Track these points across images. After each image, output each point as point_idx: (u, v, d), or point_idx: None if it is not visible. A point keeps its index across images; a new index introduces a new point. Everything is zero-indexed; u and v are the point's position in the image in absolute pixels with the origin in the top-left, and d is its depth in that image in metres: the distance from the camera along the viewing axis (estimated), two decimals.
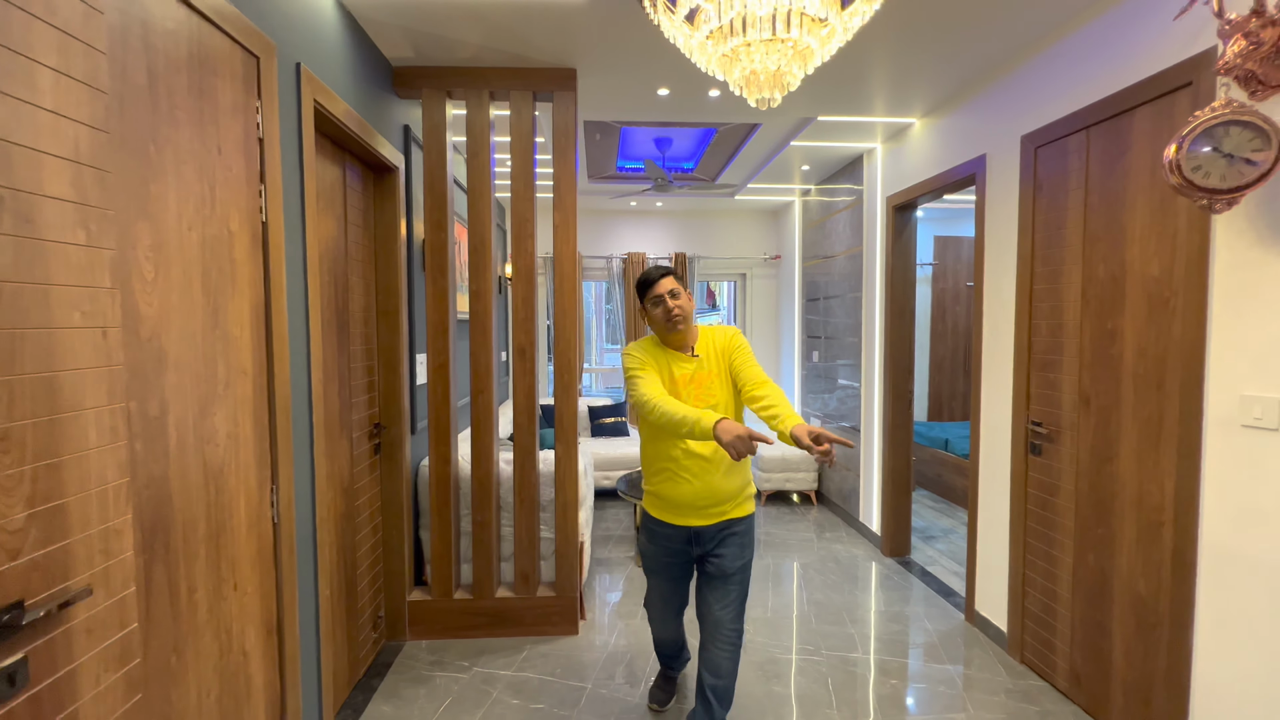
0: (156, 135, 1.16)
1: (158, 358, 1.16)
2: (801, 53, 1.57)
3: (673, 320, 1.81)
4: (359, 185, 2.35)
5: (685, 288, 1.88)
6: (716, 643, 1.83)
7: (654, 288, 1.84)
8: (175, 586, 1.21)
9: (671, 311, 1.81)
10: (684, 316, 1.81)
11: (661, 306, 1.82)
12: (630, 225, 5.64)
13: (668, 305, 1.81)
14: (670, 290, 1.82)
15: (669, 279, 1.84)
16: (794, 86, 1.64)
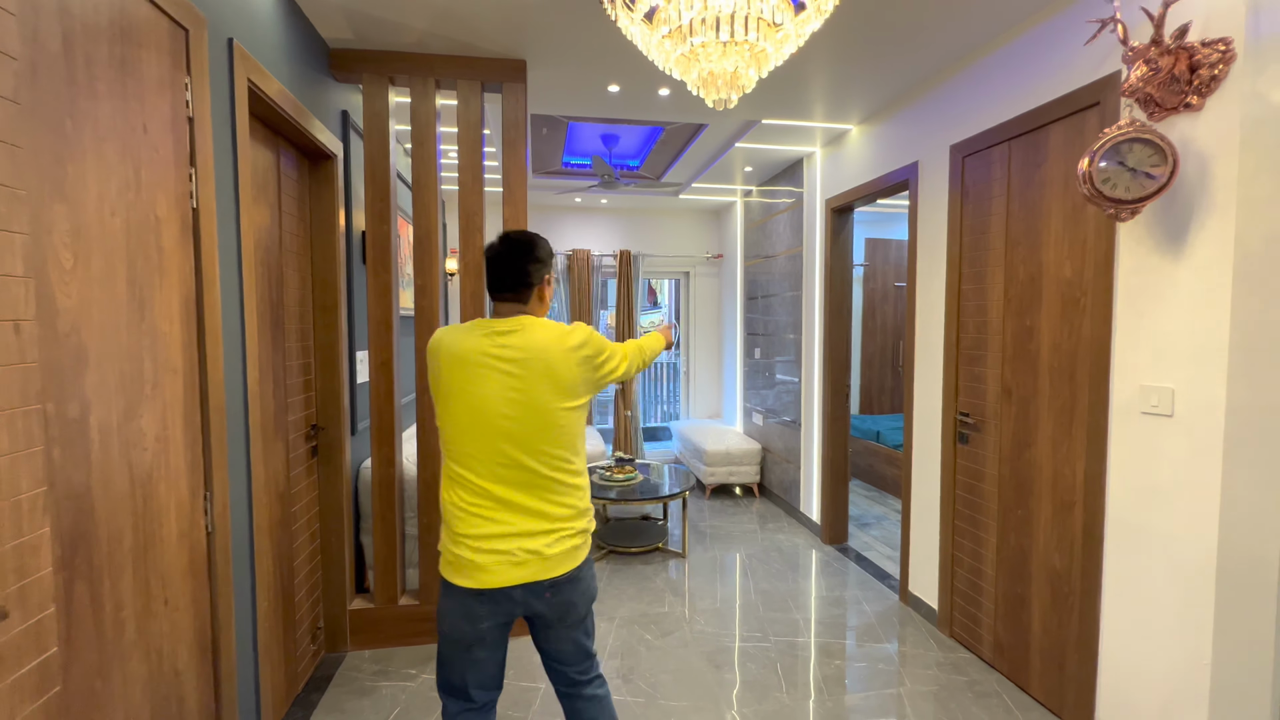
0: (74, 109, 1.05)
1: (78, 355, 1.06)
2: (757, 55, 1.62)
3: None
4: (294, 173, 2.21)
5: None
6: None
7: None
8: (100, 605, 1.10)
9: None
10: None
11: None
12: (575, 222, 5.60)
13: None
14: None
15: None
16: (750, 88, 1.68)
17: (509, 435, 1.34)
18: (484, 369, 1.35)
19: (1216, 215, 1.57)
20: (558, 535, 1.38)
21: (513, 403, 1.34)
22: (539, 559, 1.36)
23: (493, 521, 1.35)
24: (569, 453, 1.40)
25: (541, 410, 1.35)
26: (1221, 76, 1.54)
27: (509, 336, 1.37)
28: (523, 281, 1.42)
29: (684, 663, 2.46)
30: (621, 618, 2.82)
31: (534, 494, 1.37)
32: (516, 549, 1.35)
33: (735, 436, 4.92)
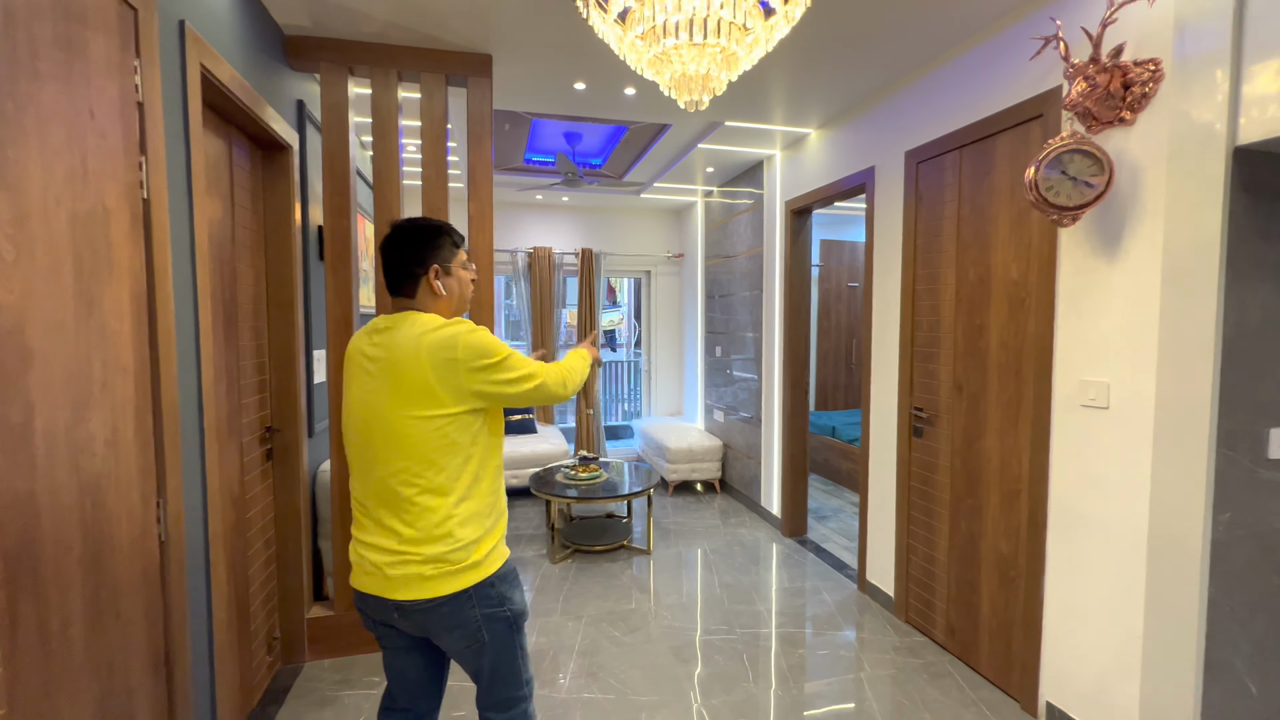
0: (15, 90, 0.98)
1: (21, 354, 0.99)
2: (728, 58, 1.65)
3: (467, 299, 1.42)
4: (247, 164, 2.12)
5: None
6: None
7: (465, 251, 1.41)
8: (45, 622, 1.03)
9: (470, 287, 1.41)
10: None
11: (470, 275, 1.41)
12: (536, 219, 5.54)
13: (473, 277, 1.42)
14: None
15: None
16: (721, 90, 1.71)
17: (366, 441, 1.26)
18: (357, 370, 1.30)
19: (1147, 221, 1.70)
20: (400, 558, 1.23)
21: (366, 405, 1.26)
22: (381, 575, 1.25)
23: (359, 525, 1.31)
24: (422, 467, 1.22)
25: (383, 417, 1.23)
26: (1151, 94, 1.67)
27: (382, 334, 1.27)
28: (406, 273, 1.30)
29: (651, 658, 2.48)
30: (589, 616, 2.82)
31: (387, 508, 1.25)
32: (365, 557, 1.27)
33: (697, 434, 4.98)
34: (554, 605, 2.94)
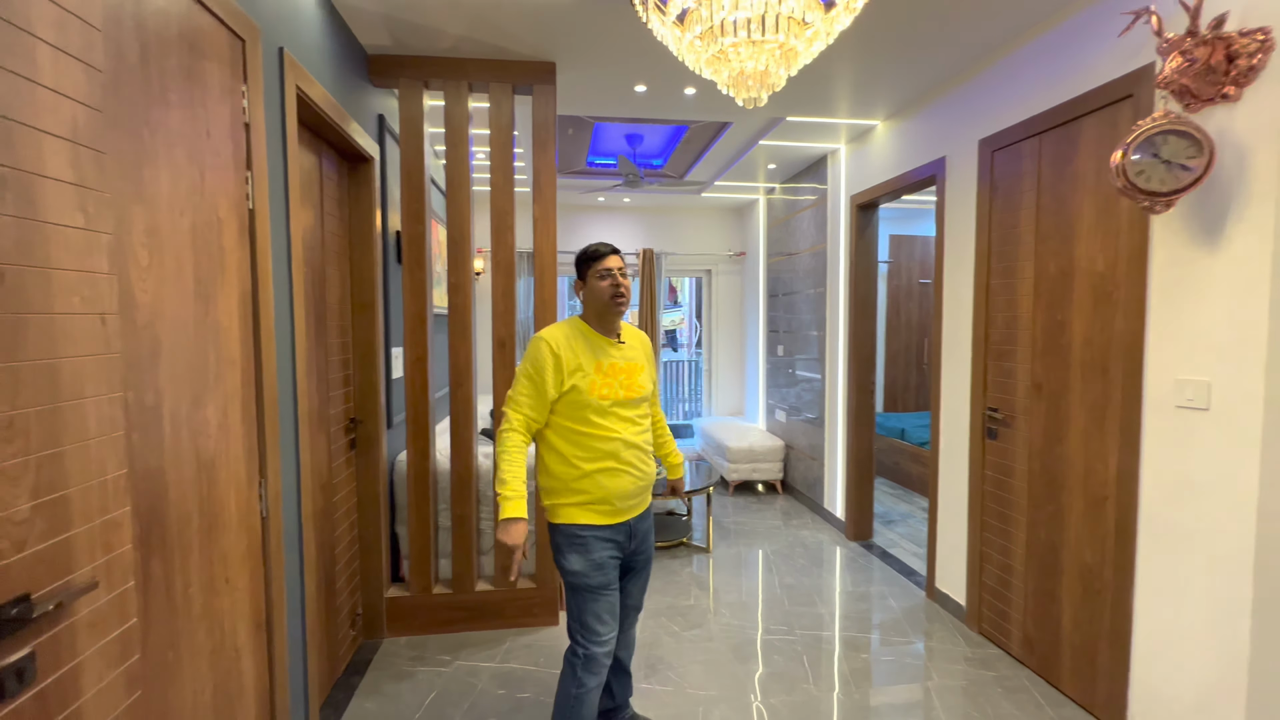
0: (149, 117, 1.12)
1: (153, 346, 1.13)
2: (787, 54, 1.64)
3: (618, 299, 1.69)
4: (335, 175, 2.30)
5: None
6: (631, 624, 1.90)
7: (604, 260, 1.69)
8: (171, 581, 1.18)
9: (619, 287, 1.68)
10: (627, 298, 1.72)
11: (610, 279, 1.68)
12: (597, 221, 5.65)
13: (616, 279, 1.68)
14: (620, 268, 1.71)
15: (618, 257, 1.73)
16: (780, 86, 1.71)
17: None
18: None
19: (1254, 206, 1.56)
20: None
21: None
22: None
23: None
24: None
25: None
26: (1260, 66, 1.53)
27: None
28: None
29: (710, 654, 2.49)
30: (648, 610, 2.86)
31: None
32: None
33: (758, 433, 4.93)
34: None
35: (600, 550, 1.67)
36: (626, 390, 1.70)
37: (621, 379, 1.71)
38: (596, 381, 1.66)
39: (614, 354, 1.72)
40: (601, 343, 1.72)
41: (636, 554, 1.81)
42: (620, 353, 1.74)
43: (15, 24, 0.85)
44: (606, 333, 1.74)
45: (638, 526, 1.77)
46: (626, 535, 1.73)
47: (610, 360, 1.71)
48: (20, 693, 0.84)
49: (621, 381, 1.70)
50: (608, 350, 1.71)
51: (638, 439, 1.72)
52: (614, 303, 1.69)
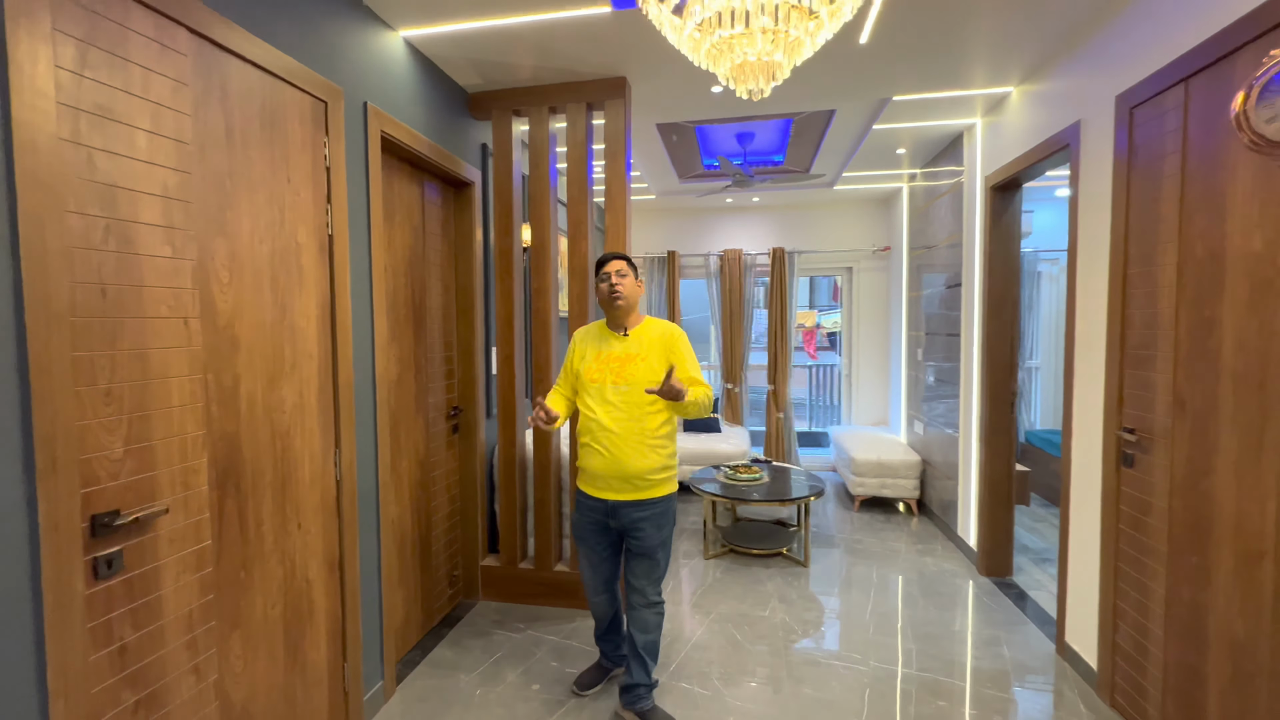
0: (232, 172, 1.52)
1: (232, 341, 1.53)
2: (790, 44, 1.57)
3: (612, 296, 2.00)
4: (438, 198, 2.71)
5: (638, 276, 2.09)
6: (639, 606, 2.06)
7: (604, 266, 2.05)
8: (244, 518, 1.57)
9: (614, 287, 1.99)
10: (624, 297, 2.00)
11: (606, 282, 2.02)
12: (727, 221, 5.63)
13: (611, 281, 2.00)
14: (618, 270, 2.02)
15: (620, 262, 2.05)
16: (784, 75, 1.63)
17: None
18: None
19: None
20: None
21: None
22: None
23: None
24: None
25: None
26: None
27: None
28: None
29: (765, 670, 2.40)
30: (718, 614, 2.84)
31: None
32: None
33: (892, 446, 4.48)
34: (685, 595, 3.03)
35: (582, 514, 2.07)
36: (615, 377, 1.98)
37: (614, 366, 1.99)
38: (592, 367, 2.02)
39: (614, 345, 2.02)
40: (607, 335, 2.06)
41: (628, 537, 2.03)
42: (621, 345, 2.02)
43: (120, 120, 1.24)
44: (613, 327, 2.06)
45: (622, 511, 2.00)
46: (606, 513, 2.02)
47: (609, 350, 2.02)
48: (111, 576, 1.24)
49: (613, 369, 1.99)
50: (610, 342, 2.04)
51: (615, 425, 1.95)
52: (610, 300, 2.00)
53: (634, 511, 2.00)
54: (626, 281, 2.02)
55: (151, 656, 1.32)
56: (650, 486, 2.00)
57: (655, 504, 2.01)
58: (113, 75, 1.23)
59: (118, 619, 1.25)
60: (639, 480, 1.98)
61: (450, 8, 2.09)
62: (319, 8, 1.83)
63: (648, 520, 2.01)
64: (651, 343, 2.01)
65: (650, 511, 2.01)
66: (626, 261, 2.05)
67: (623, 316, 2.04)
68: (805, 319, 10.81)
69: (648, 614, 2.06)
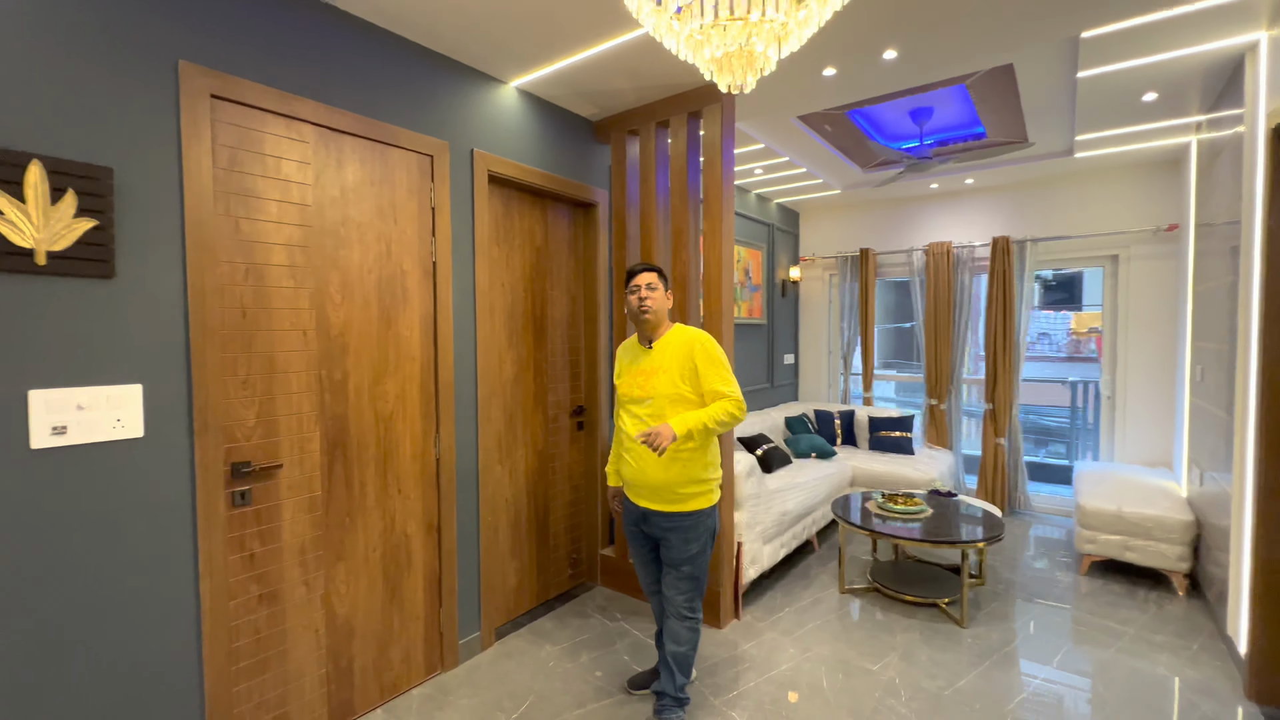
0: (345, 221, 2.05)
1: (343, 346, 2.06)
2: (769, 32, 1.41)
3: (640, 310, 2.00)
4: (565, 218, 3.05)
5: (668, 288, 2.07)
6: (671, 615, 2.05)
7: (635, 278, 2.03)
8: (350, 478, 2.10)
9: (644, 301, 1.99)
10: (652, 311, 1.99)
11: (635, 295, 2.01)
12: (935, 211, 4.84)
13: (640, 295, 2.00)
14: (648, 284, 2.01)
15: (651, 274, 2.02)
16: (770, 68, 1.47)
17: None
18: None
19: None
20: None
21: None
22: None
23: None
24: None
25: None
26: None
27: None
28: None
29: None
30: (816, 654, 2.57)
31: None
32: None
33: (1155, 496, 3.31)
34: (792, 622, 2.79)
35: (626, 514, 2.15)
36: (640, 390, 2.01)
37: (640, 380, 2.02)
38: (625, 381, 2.08)
39: (642, 359, 2.05)
40: (638, 349, 2.10)
41: (661, 545, 2.06)
42: (647, 358, 2.04)
43: (257, 196, 1.82)
44: (642, 340, 2.09)
45: (652, 518, 2.03)
46: (639, 518, 2.08)
47: (638, 364, 2.05)
48: (244, 506, 1.82)
49: (639, 382, 2.02)
50: (639, 355, 2.08)
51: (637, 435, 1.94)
52: (639, 314, 2.02)
53: (663, 522, 2.01)
54: (656, 295, 2.01)
55: (272, 566, 1.89)
56: (678, 500, 1.98)
57: (684, 518, 1.99)
58: (253, 167, 1.81)
59: (248, 535, 1.84)
60: (665, 492, 1.98)
61: (542, 52, 2.37)
62: (430, 78, 2.29)
63: (675, 533, 2.00)
64: (673, 354, 1.98)
65: (678, 524, 1.99)
66: (658, 273, 2.05)
67: (650, 329, 2.04)
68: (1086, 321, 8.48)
69: (679, 626, 2.04)
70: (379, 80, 2.13)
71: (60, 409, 1.47)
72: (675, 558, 2.01)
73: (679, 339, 2.01)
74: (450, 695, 2.28)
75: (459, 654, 2.46)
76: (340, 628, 2.08)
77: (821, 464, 4.17)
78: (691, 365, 1.95)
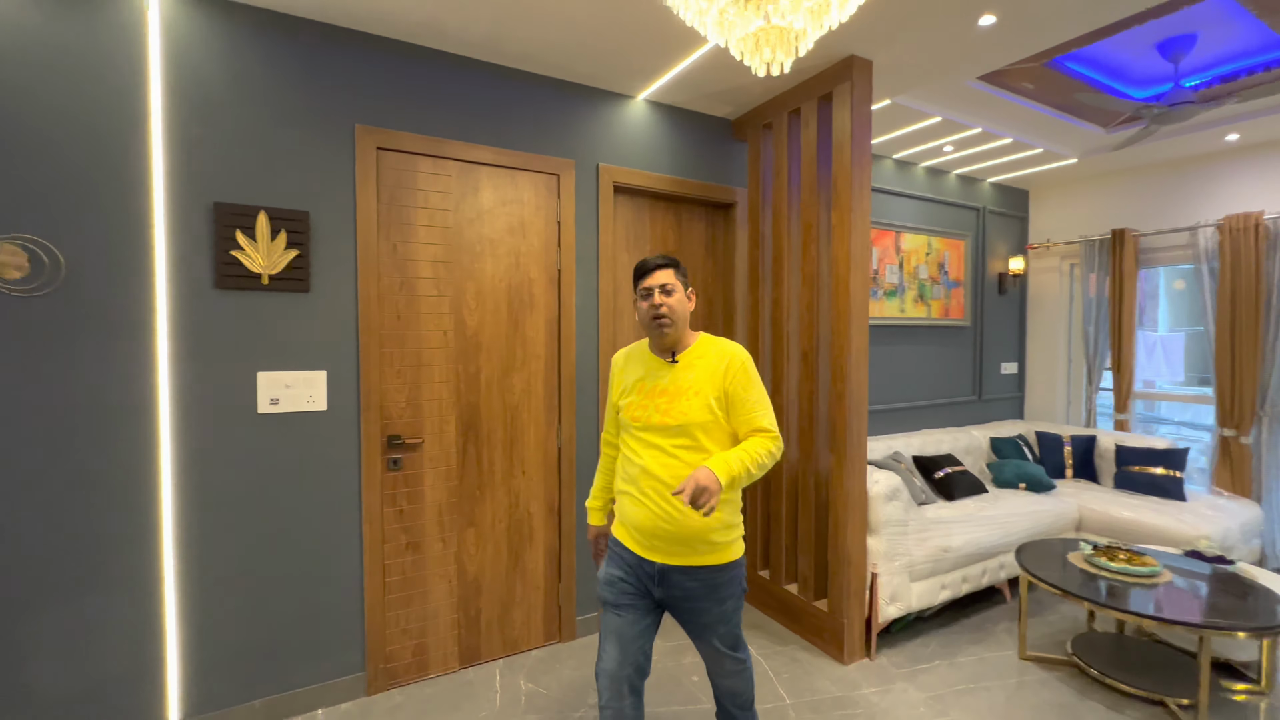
0: (480, 238, 2.42)
1: (476, 344, 2.43)
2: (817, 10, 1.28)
3: (658, 320, 1.55)
4: (699, 222, 3.07)
5: (688, 288, 1.62)
6: (723, 675, 1.64)
7: (646, 278, 1.58)
8: (480, 457, 2.46)
9: (658, 308, 1.55)
10: (671, 318, 1.55)
11: (648, 300, 1.57)
12: (1235, 172, 3.51)
13: (654, 300, 1.55)
14: (662, 285, 1.56)
15: (667, 271, 1.58)
16: (808, 47, 1.32)
17: None
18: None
19: None
20: None
21: None
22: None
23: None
24: None
25: None
26: None
27: None
28: None
29: None
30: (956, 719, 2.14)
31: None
32: None
33: None
34: (936, 683, 2.36)
35: (616, 567, 1.60)
36: (662, 415, 1.53)
37: (660, 403, 1.55)
38: (634, 402, 1.59)
39: (662, 376, 1.58)
40: (653, 363, 1.61)
41: (678, 609, 1.57)
42: (670, 375, 1.57)
43: (408, 223, 2.28)
44: (659, 352, 1.62)
45: (674, 577, 1.53)
46: (651, 577, 1.55)
47: (656, 382, 1.58)
48: (396, 470, 2.29)
49: (659, 405, 1.55)
50: (656, 371, 1.59)
51: (663, 472, 1.51)
52: (654, 324, 1.56)
53: (687, 581, 1.53)
54: (674, 299, 1.56)
55: (416, 522, 2.34)
56: (711, 550, 1.52)
57: (718, 573, 1.53)
58: (407, 200, 2.27)
59: (398, 494, 2.30)
60: (698, 542, 1.50)
61: (659, 59, 2.44)
62: (557, 104, 2.55)
63: (707, 593, 1.53)
64: (707, 372, 1.54)
65: (710, 581, 1.53)
66: (674, 270, 1.59)
67: (670, 340, 1.59)
68: None
69: (734, 680, 1.64)
70: (511, 114, 2.45)
71: (275, 386, 2.07)
72: (708, 621, 1.55)
73: (711, 352, 1.57)
74: (561, 663, 2.51)
75: (576, 629, 2.69)
76: (470, 583, 2.46)
77: (1031, 498, 3.41)
78: (728, 386, 1.53)
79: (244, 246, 1.99)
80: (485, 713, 2.18)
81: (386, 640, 2.29)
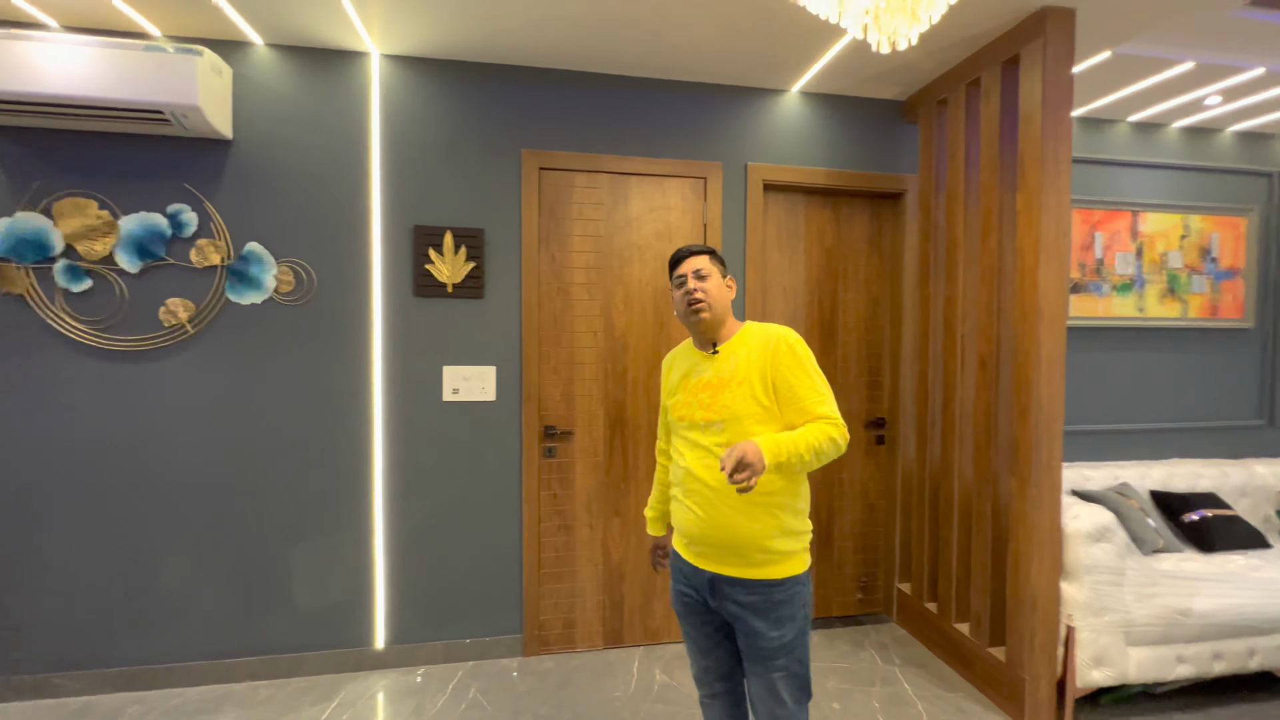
0: (628, 244, 2.56)
1: (623, 345, 2.58)
2: None
3: (692, 307, 1.44)
4: (862, 215, 2.84)
5: (725, 273, 1.50)
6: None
7: (678, 266, 1.50)
8: (625, 450, 2.60)
9: (692, 293, 1.44)
10: (708, 304, 1.44)
11: (682, 288, 1.48)
12: None
13: (688, 288, 1.45)
14: (696, 270, 1.46)
15: (701, 258, 1.49)
16: (935, 18, 1.17)
17: None
18: None
19: None
20: None
21: None
22: None
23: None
24: None
25: None
26: None
27: None
28: None
29: None
30: None
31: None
32: None
33: None
34: None
35: (677, 580, 1.53)
36: (705, 411, 1.42)
37: (702, 397, 1.44)
38: (680, 400, 1.50)
39: (704, 368, 1.48)
40: (695, 356, 1.52)
41: (735, 628, 1.44)
42: (711, 366, 1.46)
43: (564, 234, 2.51)
44: (700, 345, 1.52)
45: (725, 589, 1.41)
46: (704, 586, 1.45)
47: (699, 376, 1.48)
48: (551, 457, 2.55)
49: (701, 400, 1.44)
50: (698, 365, 1.50)
51: (709, 475, 1.40)
52: (690, 311, 1.46)
53: (740, 595, 1.39)
54: (709, 284, 1.46)
55: (567, 506, 2.56)
56: (766, 562, 1.37)
57: (772, 589, 1.37)
58: (562, 212, 2.50)
59: (552, 479, 2.55)
60: (750, 551, 1.37)
61: (810, 50, 2.34)
62: (704, 108, 2.59)
63: (759, 612, 1.37)
64: (750, 358, 1.41)
65: (764, 598, 1.37)
66: (708, 256, 1.50)
67: (710, 330, 1.47)
68: None
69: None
70: (659, 123, 2.55)
71: (456, 379, 2.44)
72: (764, 648, 1.38)
73: (756, 337, 1.44)
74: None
75: None
76: (614, 569, 2.61)
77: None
78: (775, 373, 1.39)
79: (434, 261, 2.38)
80: (620, 693, 2.30)
81: (540, 610, 2.54)
